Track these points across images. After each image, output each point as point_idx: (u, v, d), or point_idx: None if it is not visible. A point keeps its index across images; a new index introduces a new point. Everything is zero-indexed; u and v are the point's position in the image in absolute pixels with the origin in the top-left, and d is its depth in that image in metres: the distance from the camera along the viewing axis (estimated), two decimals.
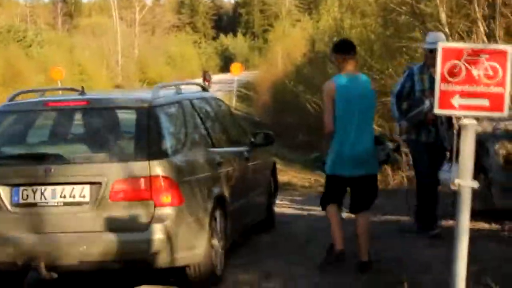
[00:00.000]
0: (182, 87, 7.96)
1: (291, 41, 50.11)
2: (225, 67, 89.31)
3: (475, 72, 4.59)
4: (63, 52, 55.45)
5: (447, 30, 15.63)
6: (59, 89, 8.88)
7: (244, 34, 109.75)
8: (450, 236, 8.22)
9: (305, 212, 11.67)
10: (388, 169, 16.65)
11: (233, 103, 38.46)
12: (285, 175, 19.47)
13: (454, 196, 7.13)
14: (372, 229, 9.43)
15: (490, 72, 4.59)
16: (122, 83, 61.12)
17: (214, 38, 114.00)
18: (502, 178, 9.16)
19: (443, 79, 4.61)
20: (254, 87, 53.30)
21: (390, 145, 7.73)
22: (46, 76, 42.63)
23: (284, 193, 14.53)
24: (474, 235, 5.07)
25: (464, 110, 4.60)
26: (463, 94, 4.60)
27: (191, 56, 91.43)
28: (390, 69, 17.14)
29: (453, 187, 4.58)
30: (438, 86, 4.61)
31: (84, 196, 6.43)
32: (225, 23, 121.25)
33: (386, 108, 16.96)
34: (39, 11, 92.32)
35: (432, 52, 7.90)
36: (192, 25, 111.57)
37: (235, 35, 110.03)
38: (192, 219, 6.64)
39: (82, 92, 7.31)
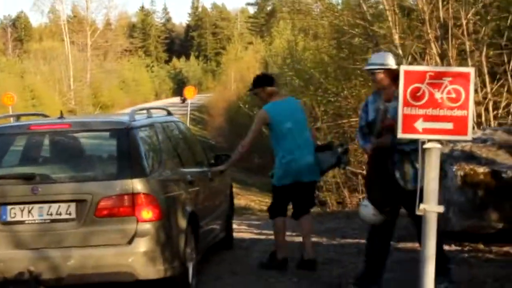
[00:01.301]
0: (152, 111, 8.47)
1: (244, 64, 50.31)
2: (178, 91, 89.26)
3: (438, 95, 4.56)
4: (14, 78, 54.97)
5: (400, 51, 15.74)
6: (32, 114, 9.42)
7: (196, 57, 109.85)
8: (407, 259, 8.30)
9: (263, 237, 11.57)
10: (345, 191, 16.69)
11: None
12: (242, 199, 19.39)
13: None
14: (331, 252, 9.44)
15: (453, 95, 4.57)
16: (75, 108, 60.70)
17: (166, 62, 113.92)
18: (461, 199, 9.15)
19: (406, 103, 4.57)
20: (207, 110, 53.33)
21: (339, 149, 8.45)
22: None
23: (242, 217, 14.43)
24: None
25: (428, 134, 4.56)
26: (427, 118, 4.56)
27: (144, 80, 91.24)
28: (346, 91, 17.17)
29: (418, 212, 4.54)
30: (401, 110, 4.57)
31: (70, 213, 6.77)
32: (178, 46, 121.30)
33: (342, 129, 17.06)
34: None
35: (373, 74, 7.15)
36: (145, 48, 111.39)
37: (187, 58, 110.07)
38: (170, 233, 7.00)
39: (61, 117, 7.67)
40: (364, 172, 16.50)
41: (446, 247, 8.89)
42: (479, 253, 8.80)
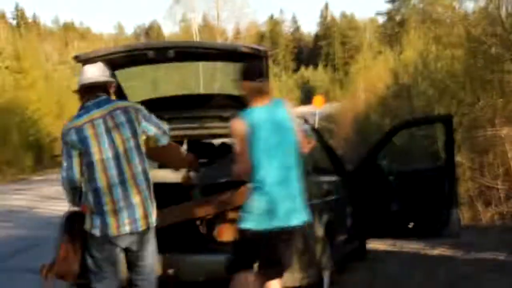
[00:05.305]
0: None
1: (373, 74, 49.86)
2: (305, 100, 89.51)
3: None
4: (147, 84, 56.33)
5: None
6: None
7: (324, 67, 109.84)
8: None
9: (396, 249, 11.38)
10: (478, 205, 16.24)
11: None
12: None
13: None
14: (466, 266, 9.22)
15: None
16: None
17: (294, 71, 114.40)
18: None
19: None
20: (335, 120, 53.20)
21: None
22: None
23: None
24: None
25: None
26: None
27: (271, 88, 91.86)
28: (481, 102, 16.66)
29: None
30: None
31: None
32: (306, 56, 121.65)
33: (476, 140, 16.57)
34: (122, 44, 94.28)
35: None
36: (273, 57, 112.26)
37: (315, 67, 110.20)
38: (307, 241, 6.90)
39: None
40: (500, 186, 16.02)
41: None
42: None
